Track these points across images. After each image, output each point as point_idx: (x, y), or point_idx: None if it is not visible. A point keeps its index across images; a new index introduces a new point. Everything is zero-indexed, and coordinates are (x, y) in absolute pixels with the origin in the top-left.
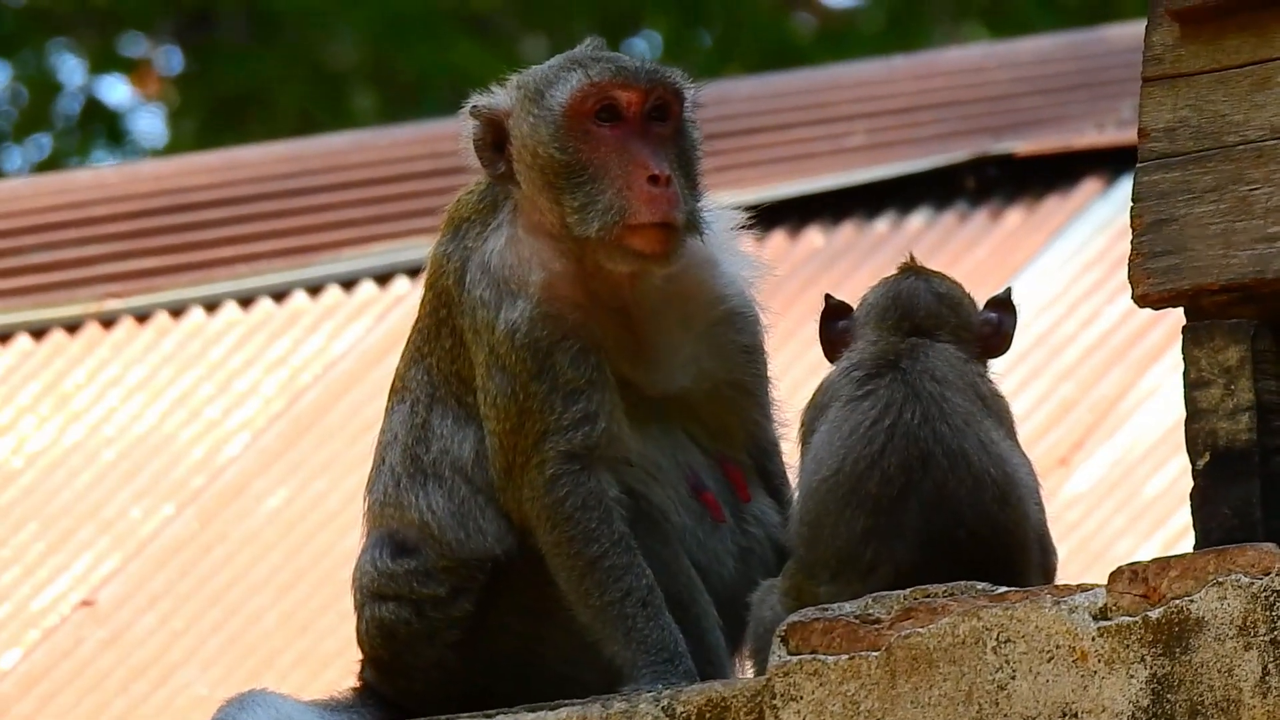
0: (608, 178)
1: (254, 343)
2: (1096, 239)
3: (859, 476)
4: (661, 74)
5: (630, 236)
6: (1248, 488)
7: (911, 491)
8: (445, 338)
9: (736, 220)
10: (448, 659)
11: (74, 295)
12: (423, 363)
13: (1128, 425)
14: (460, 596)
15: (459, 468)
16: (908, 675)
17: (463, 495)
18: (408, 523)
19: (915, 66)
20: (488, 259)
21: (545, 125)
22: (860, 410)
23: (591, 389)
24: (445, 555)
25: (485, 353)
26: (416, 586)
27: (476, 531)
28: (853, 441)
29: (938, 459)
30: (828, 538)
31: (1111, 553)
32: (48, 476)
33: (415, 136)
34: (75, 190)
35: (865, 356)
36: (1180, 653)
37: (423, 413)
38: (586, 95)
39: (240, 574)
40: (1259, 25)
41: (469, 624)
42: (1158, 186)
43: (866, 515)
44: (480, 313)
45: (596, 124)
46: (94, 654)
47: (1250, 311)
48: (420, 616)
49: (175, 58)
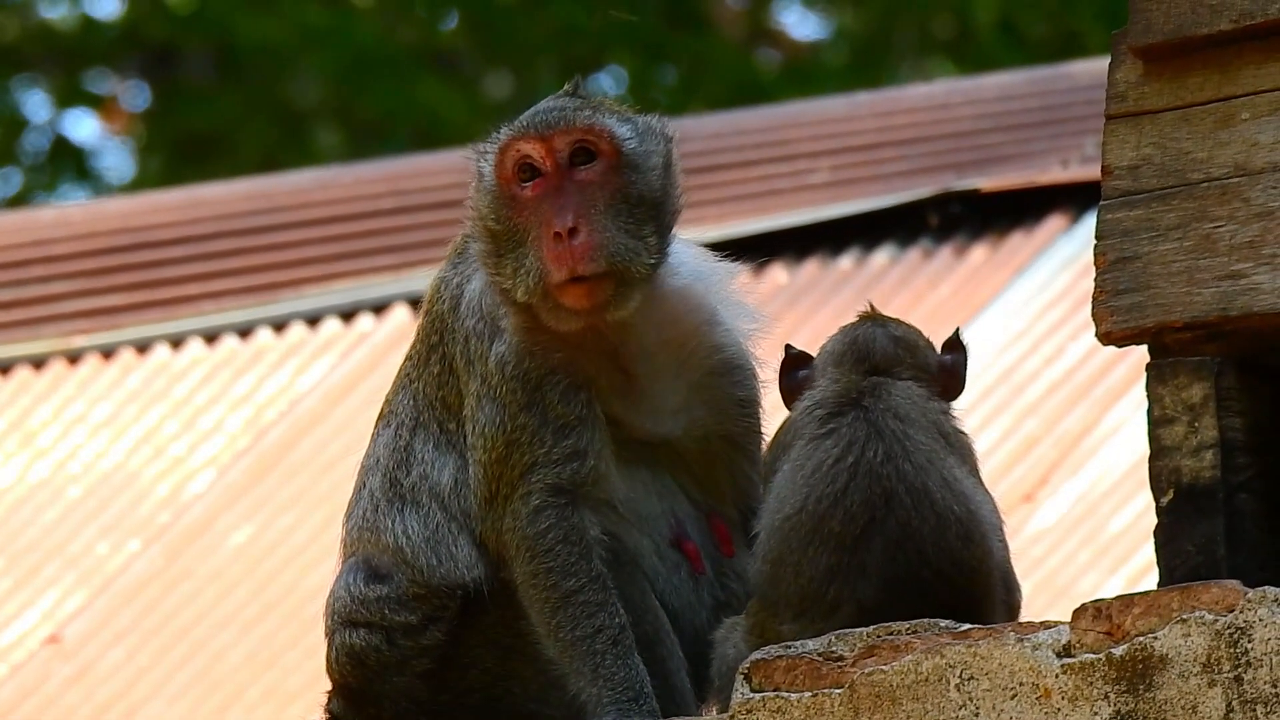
0: (529, 240)
1: (219, 379)
2: (1061, 276)
3: (822, 515)
4: (569, 119)
5: (559, 295)
6: (1212, 525)
7: (875, 530)
8: (434, 364)
9: (736, 271)
10: (416, 689)
11: (40, 332)
12: (410, 388)
13: (1092, 462)
14: (431, 625)
15: (436, 494)
16: (871, 712)
17: (437, 521)
18: (383, 548)
19: (879, 103)
20: (478, 293)
21: (485, 198)
22: (823, 449)
23: (581, 426)
24: (417, 581)
25: (477, 382)
26: (388, 613)
27: (448, 558)
28: (815, 479)
29: (900, 496)
30: (790, 576)
31: (1076, 589)
32: (14, 513)
33: (379, 174)
34: (40, 228)
35: (828, 395)
36: (1144, 690)
37: (406, 436)
38: (504, 159)
39: (206, 609)
40: (1222, 63)
41: (438, 654)
42: (1121, 224)
43: (830, 553)
44: (473, 343)
45: (520, 186)
46: (60, 690)
47: (1214, 349)
48: (391, 644)
49: (142, 94)
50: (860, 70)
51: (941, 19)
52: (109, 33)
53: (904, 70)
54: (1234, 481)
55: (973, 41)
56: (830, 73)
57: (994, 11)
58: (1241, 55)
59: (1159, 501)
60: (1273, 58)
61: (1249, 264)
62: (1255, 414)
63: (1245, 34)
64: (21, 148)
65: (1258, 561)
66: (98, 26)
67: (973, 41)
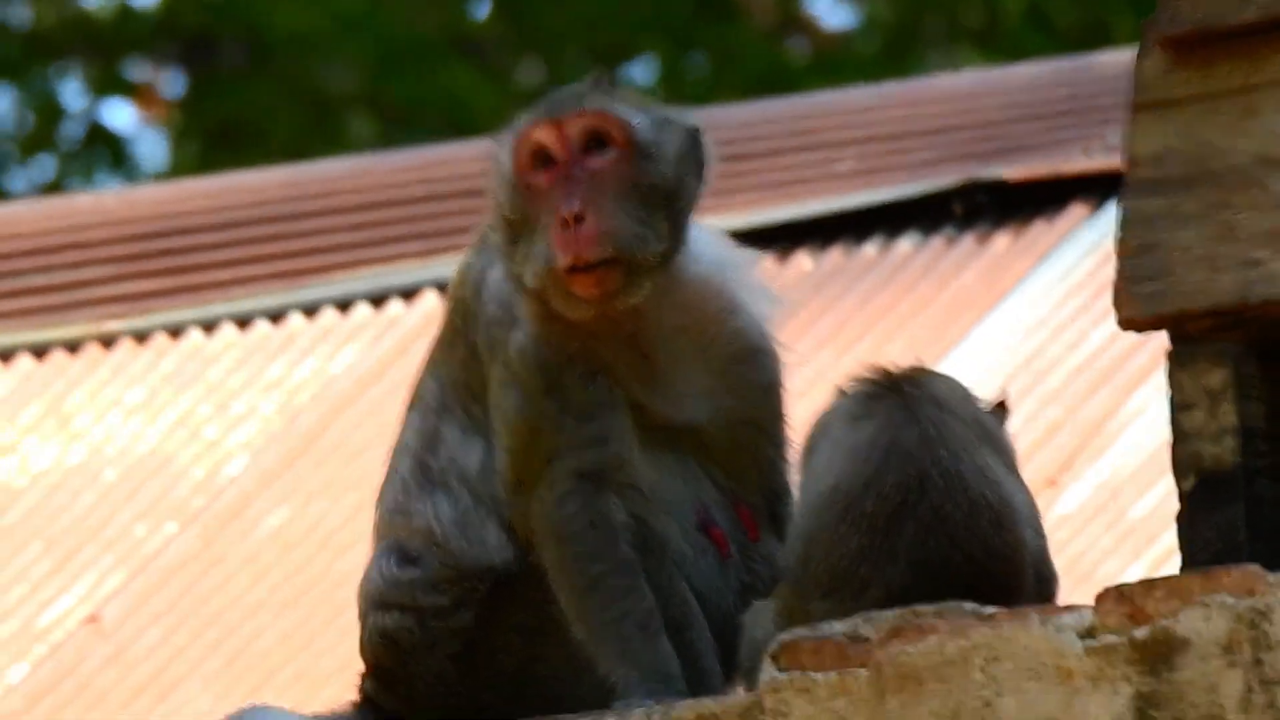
0: (540, 227)
1: (252, 364)
2: (1083, 263)
3: (855, 495)
4: (583, 104)
5: (568, 282)
6: (1233, 510)
7: (907, 513)
8: (459, 348)
9: (757, 257)
10: (447, 671)
11: (74, 316)
12: (436, 372)
13: (1114, 447)
14: (461, 608)
15: (465, 477)
16: (896, 693)
17: (466, 505)
18: (414, 532)
19: (905, 93)
20: (499, 280)
21: (502, 187)
22: (859, 430)
23: (603, 411)
24: (448, 564)
25: (499, 369)
26: (419, 596)
27: (478, 541)
28: (850, 460)
29: (934, 480)
30: (821, 554)
31: (1099, 573)
32: (51, 496)
33: (409, 162)
34: (76, 214)
35: (868, 379)
36: (1165, 671)
37: (433, 420)
38: (520, 146)
39: (241, 591)
40: (1248, 53)
41: (469, 636)
42: (1144, 212)
43: (861, 534)
44: (494, 330)
45: (534, 174)
46: (98, 669)
47: (1234, 336)
48: (422, 626)
49: (177, 82)
50: (890, 59)
51: (971, 8)
52: (145, 21)
53: (933, 59)
54: (1254, 467)
55: (1001, 31)
56: (860, 62)
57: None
58: (1268, 45)
59: (1180, 487)
60: None
61: (1269, 252)
62: (1275, 400)
63: (1273, 24)
64: (58, 135)
65: (1278, 546)
66: (134, 15)
67: (1001, 31)
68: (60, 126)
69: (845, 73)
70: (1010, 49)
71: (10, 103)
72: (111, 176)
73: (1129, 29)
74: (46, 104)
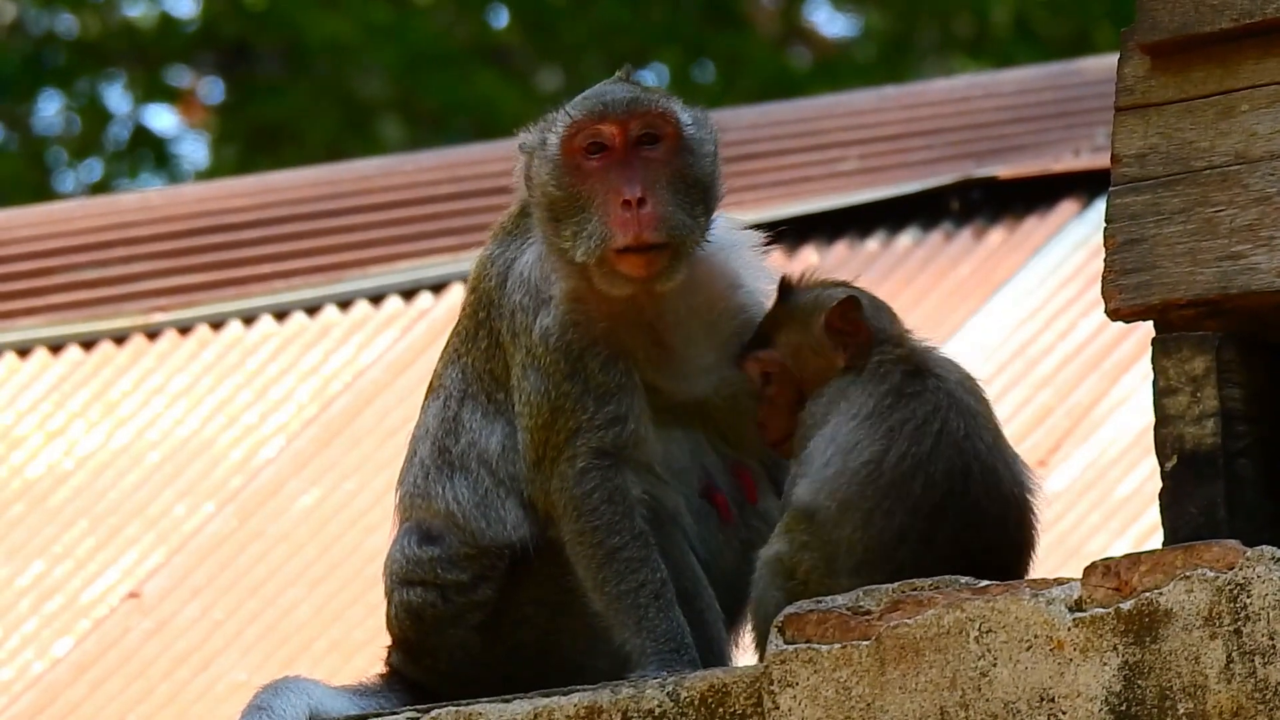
0: (593, 206)
1: (288, 353)
2: (1073, 257)
3: (905, 473)
4: (641, 104)
5: (617, 261)
6: (1213, 488)
7: (952, 502)
8: (482, 339)
9: (758, 239)
10: (471, 641)
11: (121, 309)
12: (459, 362)
13: (1101, 430)
14: (482, 583)
15: (485, 460)
16: (896, 663)
17: (486, 487)
18: (434, 513)
19: (904, 96)
20: (525, 268)
21: (546, 165)
22: (908, 406)
23: (621, 393)
24: (468, 543)
25: (522, 354)
26: (441, 573)
27: (497, 520)
28: (899, 436)
29: (976, 475)
30: (859, 523)
31: (1086, 549)
32: (97, 477)
33: (438, 162)
34: (122, 211)
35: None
36: (1150, 642)
37: (454, 407)
38: (574, 134)
39: (276, 568)
40: (1224, 58)
41: (490, 610)
42: (1129, 208)
43: (904, 514)
44: (519, 316)
45: (586, 158)
46: (140, 642)
47: (1215, 325)
48: (445, 600)
49: (217, 88)
50: (886, 66)
51: (962, 18)
52: (186, 30)
53: (927, 66)
54: (1234, 448)
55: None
56: (858, 69)
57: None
58: (1242, 51)
59: (1164, 467)
60: (1271, 54)
61: (1248, 245)
62: (1254, 385)
63: (1245, 31)
64: (105, 138)
65: (1256, 523)
66: (176, 24)
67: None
68: (107, 130)
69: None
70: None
71: (59, 108)
72: (155, 177)
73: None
74: (93, 109)
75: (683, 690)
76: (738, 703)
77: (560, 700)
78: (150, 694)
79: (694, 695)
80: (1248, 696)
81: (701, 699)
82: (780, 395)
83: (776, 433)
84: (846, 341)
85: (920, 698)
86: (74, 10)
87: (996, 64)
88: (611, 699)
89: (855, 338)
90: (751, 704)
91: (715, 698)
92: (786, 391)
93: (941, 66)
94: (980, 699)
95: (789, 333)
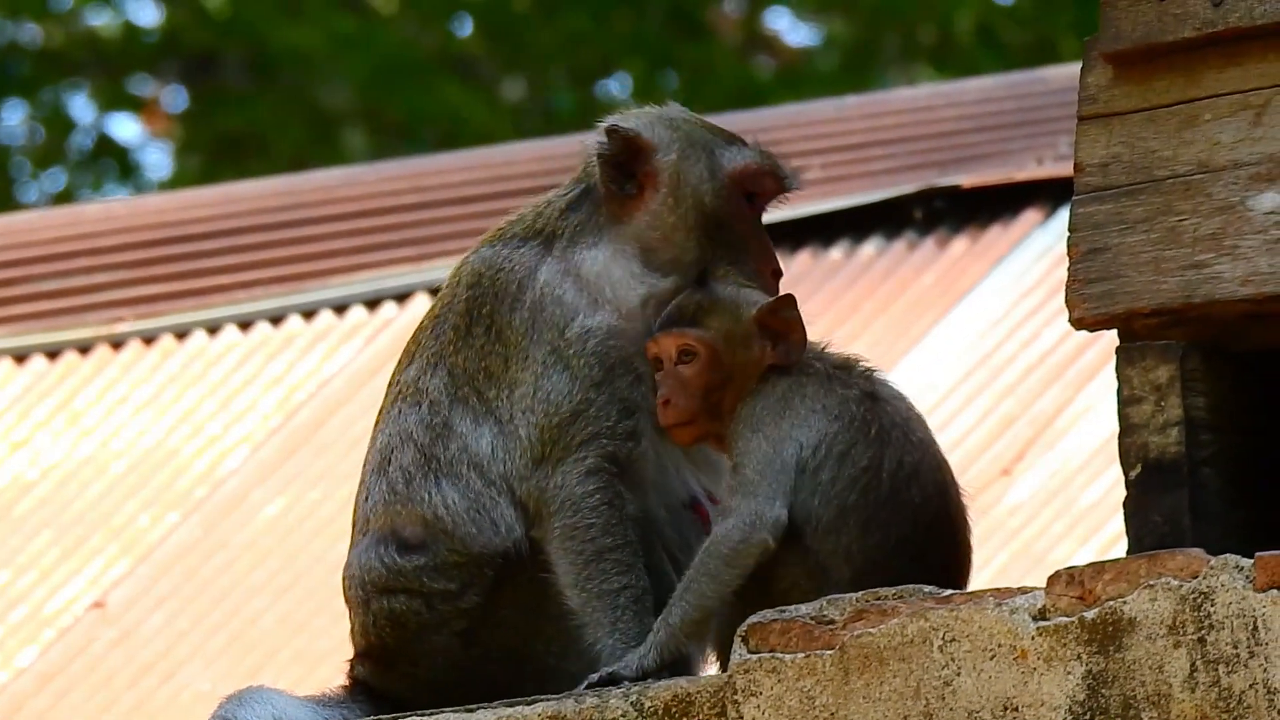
0: (745, 250)
1: (252, 363)
2: (1036, 266)
3: (902, 481)
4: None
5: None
6: (1177, 497)
7: (941, 516)
8: (479, 335)
9: None
10: (453, 647)
11: (85, 319)
12: (443, 364)
13: (1065, 439)
14: (469, 590)
15: (476, 464)
16: (860, 672)
17: (477, 490)
18: (415, 519)
19: (867, 106)
20: (580, 267)
21: (711, 178)
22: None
23: (640, 412)
24: (457, 551)
25: (545, 350)
26: (427, 581)
27: (489, 526)
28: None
29: (948, 490)
30: (855, 530)
31: (1050, 557)
32: (61, 488)
33: (401, 172)
34: (86, 222)
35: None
36: (1114, 651)
37: (444, 412)
38: (752, 174)
39: (240, 578)
40: (1186, 68)
41: (476, 615)
42: (1093, 217)
43: (903, 525)
44: (551, 310)
45: (743, 198)
46: (104, 652)
47: (1179, 334)
48: (430, 608)
49: (181, 97)
50: (849, 75)
51: (925, 27)
52: (150, 39)
53: (890, 75)
54: (1198, 457)
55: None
56: (821, 77)
57: (973, 20)
58: (1204, 61)
59: (1128, 476)
60: (1233, 63)
61: (1211, 254)
62: (1217, 394)
63: (1207, 41)
64: (68, 148)
65: (1219, 531)
66: (139, 33)
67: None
68: (70, 140)
69: (808, 87)
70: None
71: (22, 117)
72: (119, 187)
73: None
74: (56, 118)
75: (646, 700)
76: (702, 712)
77: (524, 710)
78: (115, 703)
79: (658, 705)
80: (1211, 705)
81: (665, 708)
82: (696, 379)
83: (680, 415)
84: (778, 339)
85: (884, 707)
86: (37, 19)
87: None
88: (575, 708)
89: (788, 337)
90: (715, 713)
91: (679, 707)
92: (705, 376)
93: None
94: (944, 708)
95: (718, 319)
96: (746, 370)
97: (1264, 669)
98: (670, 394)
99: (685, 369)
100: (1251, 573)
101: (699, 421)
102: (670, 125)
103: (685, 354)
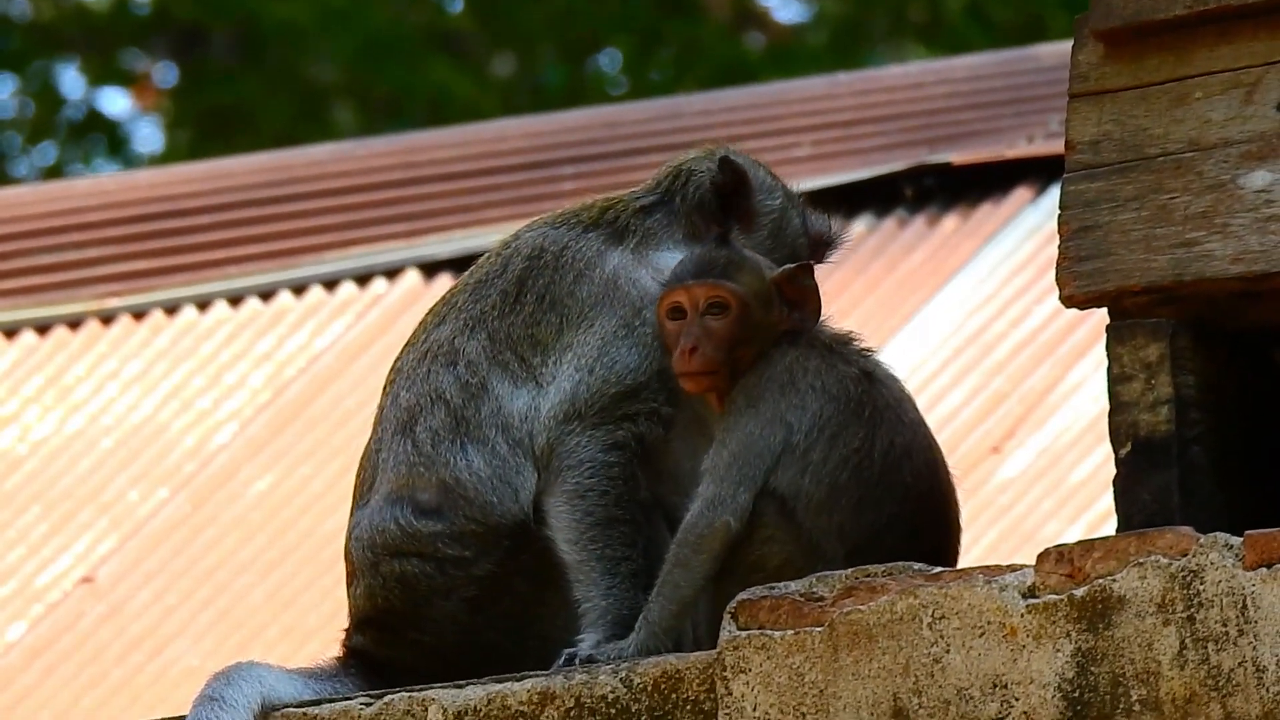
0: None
1: (242, 339)
2: (1027, 244)
3: (893, 461)
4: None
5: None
6: (1166, 475)
7: (932, 494)
8: (529, 303)
9: None
10: (460, 613)
11: (75, 294)
12: (483, 327)
13: (1055, 417)
14: (483, 558)
15: (505, 425)
16: (849, 649)
17: (502, 455)
18: (434, 484)
19: (857, 83)
20: (656, 264)
21: (805, 234)
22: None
23: (684, 407)
24: (475, 519)
25: (615, 322)
26: (441, 547)
27: (510, 494)
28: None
29: (937, 468)
30: (849, 509)
31: (1040, 535)
32: (50, 463)
33: (391, 148)
34: (76, 196)
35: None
36: (1103, 628)
37: (481, 374)
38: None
39: (230, 553)
40: (1178, 45)
41: (486, 582)
42: (1083, 195)
43: (896, 503)
44: (627, 289)
45: None
46: (93, 627)
47: (1169, 312)
48: (442, 573)
49: (171, 72)
50: (839, 52)
51: (915, 4)
52: (140, 13)
53: (880, 52)
54: (1187, 435)
55: (944, 25)
56: (811, 54)
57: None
58: (1195, 38)
59: (1117, 454)
60: (1224, 41)
61: (1202, 233)
62: (1207, 373)
63: (1199, 19)
64: (58, 122)
65: (1209, 510)
66: (129, 8)
67: (944, 25)
68: (60, 114)
69: (798, 64)
70: (952, 43)
71: (12, 91)
72: (109, 162)
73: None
74: (46, 93)
75: (636, 676)
76: (691, 688)
77: (513, 686)
78: (103, 679)
79: (647, 681)
80: (1200, 683)
81: (655, 685)
82: (724, 330)
83: (708, 364)
84: (794, 306)
85: (873, 684)
86: None
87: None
88: (564, 685)
89: (803, 305)
90: (704, 690)
91: (669, 683)
92: (733, 329)
93: (895, 52)
94: (933, 685)
95: (748, 276)
96: (765, 332)
97: (1253, 647)
98: (698, 340)
99: (713, 320)
100: (1241, 551)
101: (721, 373)
102: (766, 171)
103: (715, 305)
